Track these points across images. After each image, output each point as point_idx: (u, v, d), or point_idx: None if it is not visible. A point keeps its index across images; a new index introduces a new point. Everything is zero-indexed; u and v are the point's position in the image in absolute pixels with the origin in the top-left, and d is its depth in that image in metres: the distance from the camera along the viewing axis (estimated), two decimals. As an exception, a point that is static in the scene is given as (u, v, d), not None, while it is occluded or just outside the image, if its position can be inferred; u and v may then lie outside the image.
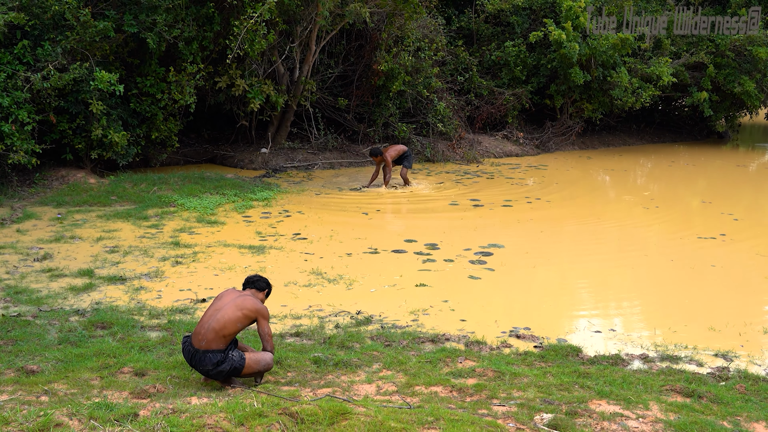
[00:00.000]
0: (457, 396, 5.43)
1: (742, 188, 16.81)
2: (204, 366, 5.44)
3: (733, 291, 8.93)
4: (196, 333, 5.50)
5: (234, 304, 5.51)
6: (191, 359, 5.50)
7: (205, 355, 5.43)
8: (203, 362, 5.43)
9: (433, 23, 20.15)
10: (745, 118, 28.56)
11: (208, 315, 5.54)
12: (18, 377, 5.53)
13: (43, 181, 13.54)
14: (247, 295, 5.68)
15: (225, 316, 5.46)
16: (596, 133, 23.85)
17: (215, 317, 5.47)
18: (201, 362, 5.44)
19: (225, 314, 5.47)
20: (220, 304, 5.58)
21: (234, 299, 5.58)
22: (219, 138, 19.03)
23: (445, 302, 8.13)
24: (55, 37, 13.09)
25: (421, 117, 19.80)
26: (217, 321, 5.44)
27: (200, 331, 5.47)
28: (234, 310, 5.49)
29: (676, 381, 5.83)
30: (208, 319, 5.50)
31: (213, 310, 5.55)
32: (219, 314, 5.48)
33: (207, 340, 5.43)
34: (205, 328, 5.46)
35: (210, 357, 5.43)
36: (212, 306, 5.61)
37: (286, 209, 12.82)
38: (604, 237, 11.69)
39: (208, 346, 5.43)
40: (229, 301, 5.56)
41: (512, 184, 16.11)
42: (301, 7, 16.19)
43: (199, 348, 5.45)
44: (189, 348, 5.51)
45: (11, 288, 8.12)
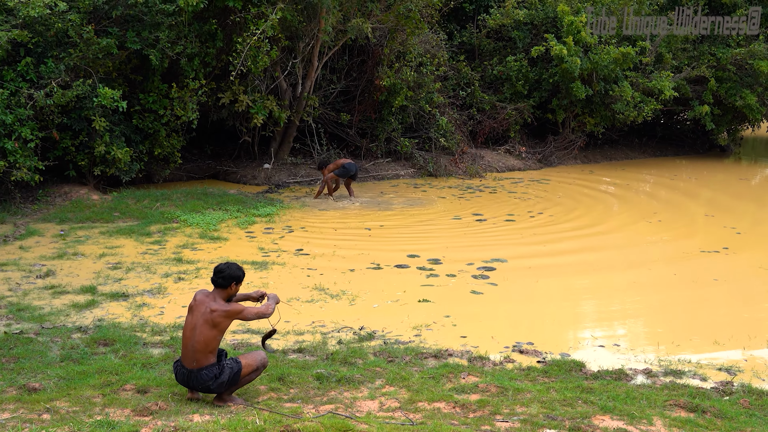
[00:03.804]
0: (460, 412, 5.41)
1: (745, 202, 16.79)
2: (204, 383, 5.41)
3: (736, 305, 8.91)
4: (184, 355, 5.46)
5: (204, 321, 5.38)
6: (187, 381, 5.47)
7: (200, 373, 5.40)
8: (201, 380, 5.41)
9: (435, 38, 20.23)
10: (747, 132, 28.56)
11: (187, 336, 5.45)
12: (20, 395, 5.52)
13: (46, 197, 13.58)
14: (214, 304, 5.45)
15: (202, 335, 5.37)
16: (598, 147, 23.86)
17: (195, 338, 5.39)
18: (199, 380, 5.41)
19: (201, 333, 5.38)
20: (192, 320, 5.44)
21: (203, 314, 5.41)
22: (222, 154, 19.07)
23: (448, 317, 8.11)
24: (59, 54, 13.16)
25: (424, 132, 19.85)
26: (197, 341, 5.38)
27: (187, 354, 5.43)
28: (208, 328, 5.38)
29: (679, 396, 5.81)
30: (189, 340, 5.43)
31: (189, 330, 5.44)
32: (197, 333, 5.39)
33: (197, 360, 5.40)
34: (190, 349, 5.41)
35: (205, 374, 5.40)
36: (187, 322, 5.49)
37: (289, 225, 12.83)
38: (607, 251, 11.66)
39: (200, 365, 5.41)
40: (199, 317, 5.42)
41: (515, 199, 16.11)
42: (304, 23, 16.28)
43: (192, 369, 5.43)
44: (183, 371, 5.47)
45: (14, 305, 8.12)
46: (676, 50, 22.99)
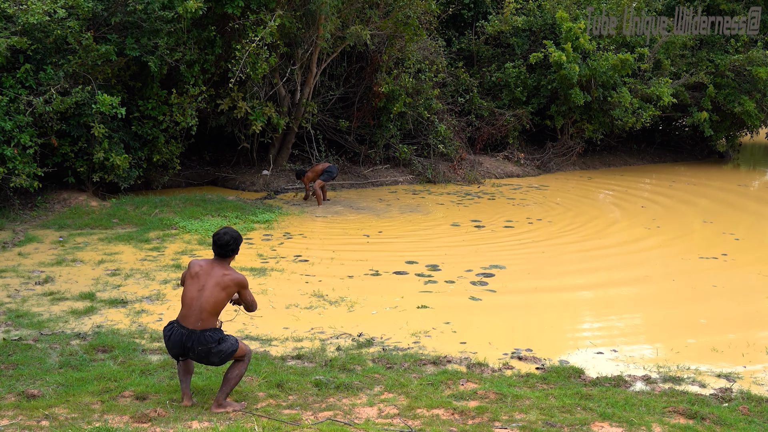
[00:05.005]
0: (458, 419, 5.41)
1: (744, 208, 16.80)
2: (205, 344, 5.41)
3: (735, 311, 8.91)
4: (186, 315, 5.47)
5: (215, 283, 5.48)
6: (185, 342, 5.43)
7: (204, 334, 5.42)
8: (204, 341, 5.41)
9: (433, 45, 20.28)
10: (746, 138, 28.61)
11: (192, 296, 5.48)
12: (19, 402, 5.52)
13: (45, 204, 13.57)
14: (223, 271, 5.57)
15: (212, 297, 5.45)
16: (597, 153, 23.89)
17: (203, 298, 5.45)
18: (201, 341, 5.41)
19: (212, 294, 5.45)
20: (199, 283, 5.51)
21: (213, 277, 5.51)
22: (220, 160, 19.08)
23: (447, 324, 8.11)
24: (58, 61, 13.18)
25: (422, 138, 19.87)
26: (206, 302, 5.44)
27: (192, 313, 5.45)
28: (218, 290, 5.47)
29: (678, 402, 5.81)
30: (195, 301, 5.47)
31: (196, 291, 5.49)
32: (206, 294, 5.46)
33: (202, 320, 5.44)
34: (196, 308, 5.45)
35: (209, 335, 5.43)
36: (191, 286, 5.53)
37: (288, 231, 12.83)
38: (606, 257, 11.68)
39: (205, 326, 5.44)
40: (209, 279, 5.50)
41: (513, 205, 16.13)
42: (302, 30, 16.31)
43: (195, 329, 5.43)
44: (182, 331, 5.45)
45: (13, 311, 8.12)
46: (674, 56, 23.05)
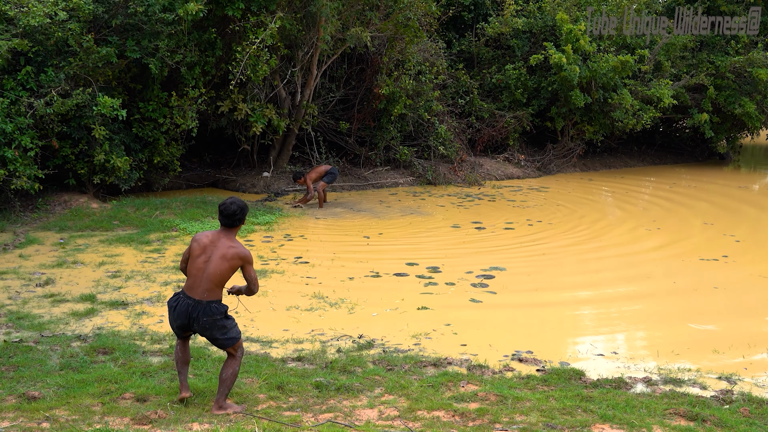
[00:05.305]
0: (459, 421, 5.41)
1: (744, 210, 16.79)
2: (211, 315, 5.46)
3: (736, 313, 8.90)
4: (193, 286, 5.51)
5: (221, 255, 5.52)
6: (190, 313, 5.48)
7: (210, 305, 5.48)
8: (210, 312, 5.46)
9: (433, 47, 20.28)
10: (747, 139, 28.62)
11: (199, 267, 5.53)
12: (19, 404, 5.52)
13: (46, 206, 13.58)
14: (229, 243, 5.60)
15: (219, 267, 5.50)
16: (597, 155, 23.91)
17: (209, 269, 5.50)
18: (207, 312, 5.46)
19: (219, 266, 5.50)
20: (206, 255, 5.56)
21: (219, 248, 5.55)
22: (221, 162, 19.10)
23: (447, 326, 8.11)
24: (58, 63, 13.20)
25: (423, 140, 19.88)
26: (213, 273, 5.49)
27: (198, 284, 5.50)
28: (223, 262, 5.51)
29: (679, 404, 5.80)
30: (201, 272, 5.51)
31: (202, 263, 5.54)
32: (212, 265, 5.50)
33: (208, 290, 5.49)
34: (203, 279, 5.50)
35: (216, 307, 5.50)
36: (198, 258, 5.57)
37: (288, 233, 12.83)
38: (606, 259, 11.67)
39: (210, 297, 5.50)
40: (215, 251, 5.54)
41: (514, 207, 16.13)
42: (303, 32, 16.32)
43: (201, 299, 5.48)
44: (188, 302, 5.50)
45: (13, 313, 8.12)
46: (674, 58, 23.07)
